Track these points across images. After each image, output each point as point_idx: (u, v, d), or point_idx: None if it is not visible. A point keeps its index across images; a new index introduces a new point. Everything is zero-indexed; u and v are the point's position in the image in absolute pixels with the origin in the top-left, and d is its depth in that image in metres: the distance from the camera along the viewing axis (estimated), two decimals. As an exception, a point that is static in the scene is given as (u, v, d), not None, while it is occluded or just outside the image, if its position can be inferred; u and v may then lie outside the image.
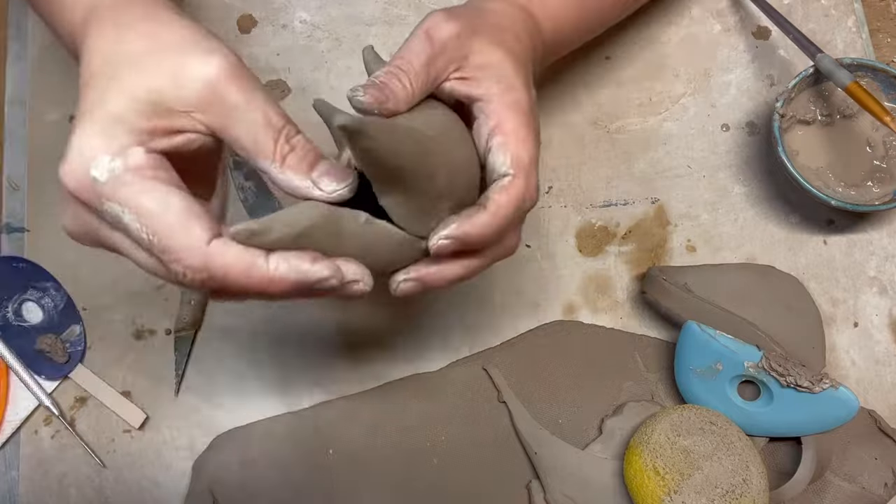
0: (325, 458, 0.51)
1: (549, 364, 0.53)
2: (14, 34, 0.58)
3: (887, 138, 0.53)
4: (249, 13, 0.58)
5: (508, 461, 0.51)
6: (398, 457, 0.51)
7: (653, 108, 0.58)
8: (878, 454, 0.51)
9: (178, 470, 0.52)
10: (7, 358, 0.52)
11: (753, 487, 0.45)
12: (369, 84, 0.34)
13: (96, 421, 0.52)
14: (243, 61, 0.35)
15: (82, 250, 0.54)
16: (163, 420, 0.52)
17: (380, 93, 0.34)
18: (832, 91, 0.53)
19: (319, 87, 0.57)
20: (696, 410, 0.48)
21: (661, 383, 0.53)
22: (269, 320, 0.54)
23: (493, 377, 0.53)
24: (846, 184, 0.53)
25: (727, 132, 0.58)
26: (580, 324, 0.54)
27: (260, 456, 0.51)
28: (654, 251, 0.56)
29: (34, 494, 0.51)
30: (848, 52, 0.59)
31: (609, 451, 0.51)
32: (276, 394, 0.53)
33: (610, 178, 0.57)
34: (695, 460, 0.46)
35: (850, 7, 0.59)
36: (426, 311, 0.54)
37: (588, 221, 0.56)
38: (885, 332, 0.55)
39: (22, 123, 0.56)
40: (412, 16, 0.58)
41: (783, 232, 0.56)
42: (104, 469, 0.52)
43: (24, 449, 0.52)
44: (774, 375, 0.47)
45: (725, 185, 0.57)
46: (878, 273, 0.56)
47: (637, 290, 0.55)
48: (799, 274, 0.55)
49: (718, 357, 0.48)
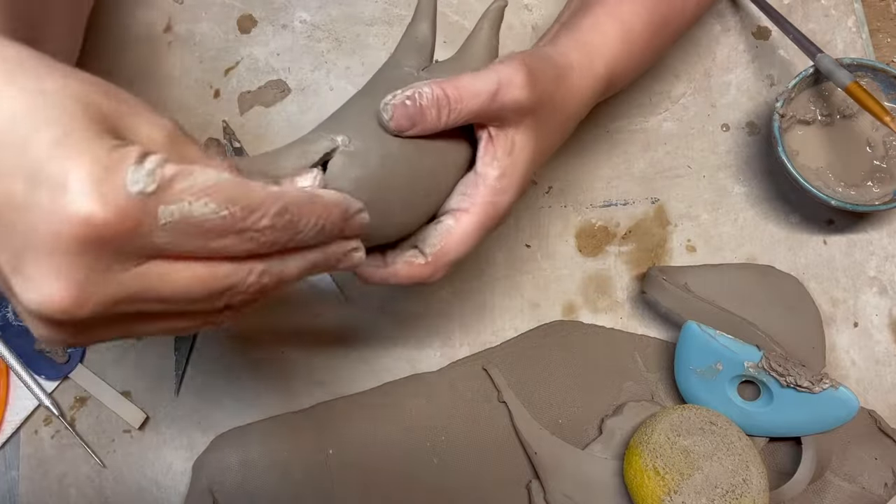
0: (325, 458, 0.51)
1: (549, 364, 0.53)
2: (14, 34, 0.58)
3: (887, 138, 0.53)
4: (249, 13, 0.58)
5: (508, 461, 0.51)
6: (398, 457, 0.51)
7: (653, 108, 0.58)
8: (878, 454, 0.51)
9: (178, 470, 0.52)
10: (7, 358, 0.52)
11: (753, 487, 0.45)
12: (404, 106, 0.34)
13: (96, 421, 0.52)
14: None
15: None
16: (163, 420, 0.52)
17: (409, 122, 0.35)
18: (832, 91, 0.53)
19: (319, 87, 0.57)
20: (696, 410, 0.48)
21: (661, 383, 0.53)
22: (269, 320, 0.54)
23: (493, 377, 0.53)
24: (846, 184, 0.53)
25: (727, 132, 0.58)
26: (580, 324, 0.54)
27: (260, 456, 0.51)
28: (654, 251, 0.56)
29: (34, 494, 0.51)
30: (848, 52, 0.59)
31: (609, 451, 0.51)
32: (276, 394, 0.53)
33: (610, 178, 0.57)
34: (695, 460, 0.46)
35: (850, 7, 0.59)
36: (426, 312, 0.54)
37: (588, 221, 0.56)
38: (885, 332, 0.55)
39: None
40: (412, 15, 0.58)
41: (783, 232, 0.56)
42: (104, 469, 0.52)
43: (24, 449, 0.52)
44: (774, 375, 0.47)
45: (725, 185, 0.57)
46: (878, 273, 0.56)
47: (637, 290, 0.55)
48: (799, 274, 0.55)
49: (718, 357, 0.48)
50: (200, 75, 0.57)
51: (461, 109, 0.35)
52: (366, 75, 0.57)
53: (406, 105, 0.34)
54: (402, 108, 0.34)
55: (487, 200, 0.38)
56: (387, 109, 0.35)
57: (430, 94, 0.34)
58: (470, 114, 0.35)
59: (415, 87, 0.34)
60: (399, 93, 0.34)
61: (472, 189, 0.38)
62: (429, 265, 0.38)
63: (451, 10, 0.58)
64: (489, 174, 0.37)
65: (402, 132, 0.35)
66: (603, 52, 0.42)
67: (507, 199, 0.38)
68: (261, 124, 0.56)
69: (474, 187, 0.38)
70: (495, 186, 0.37)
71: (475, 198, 0.38)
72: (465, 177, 0.39)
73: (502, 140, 0.37)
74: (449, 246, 0.38)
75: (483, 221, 0.38)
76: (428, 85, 0.34)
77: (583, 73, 0.41)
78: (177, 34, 0.57)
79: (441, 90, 0.34)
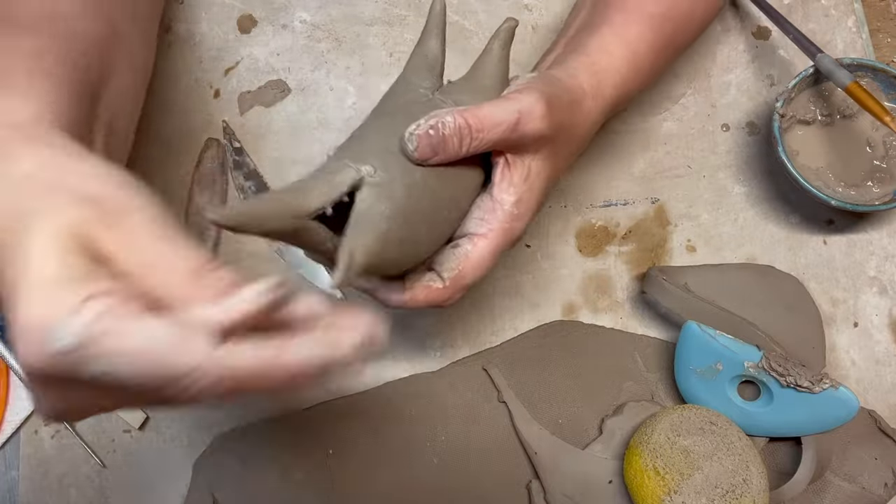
0: (325, 458, 0.51)
1: (549, 364, 0.53)
2: (14, 34, 0.58)
3: (887, 138, 0.53)
4: (249, 13, 0.58)
5: (508, 461, 0.51)
6: (398, 457, 0.51)
7: (653, 108, 0.58)
8: (878, 454, 0.51)
9: (178, 470, 0.52)
10: (7, 358, 0.52)
11: (753, 487, 0.45)
12: (427, 136, 0.35)
13: (96, 421, 0.52)
14: None
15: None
16: (163, 420, 0.52)
17: (432, 151, 0.35)
18: (832, 91, 0.53)
19: (319, 87, 0.57)
20: (696, 410, 0.48)
21: (661, 383, 0.53)
22: (269, 320, 0.54)
23: (493, 377, 0.53)
24: (846, 184, 0.53)
25: (727, 132, 0.58)
26: (580, 324, 0.54)
27: (260, 456, 0.51)
28: (654, 251, 0.56)
29: (34, 494, 0.51)
30: (848, 52, 0.59)
31: (609, 451, 0.51)
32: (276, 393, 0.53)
33: (610, 178, 0.57)
34: (695, 460, 0.46)
35: (850, 7, 0.59)
36: (426, 312, 0.54)
37: (588, 221, 0.56)
38: (885, 332, 0.55)
39: (22, 123, 0.56)
40: (412, 16, 0.58)
41: (783, 232, 0.56)
42: (104, 469, 0.52)
43: (24, 449, 0.52)
44: (774, 375, 0.47)
45: (725, 185, 0.57)
46: (878, 273, 0.56)
47: (637, 290, 0.55)
48: (799, 274, 0.55)
49: (718, 357, 0.48)
50: (200, 75, 0.57)
51: (482, 139, 0.36)
52: (366, 75, 0.57)
53: (430, 135, 0.35)
54: (426, 137, 0.35)
55: (504, 226, 0.39)
56: (411, 140, 0.35)
57: (453, 123, 0.35)
58: (490, 143, 0.36)
59: (437, 117, 0.35)
60: (423, 122, 0.35)
61: (489, 214, 0.39)
62: (446, 289, 0.39)
63: (451, 10, 0.58)
64: (506, 200, 0.38)
65: (425, 161, 0.36)
66: (611, 74, 0.42)
67: (522, 224, 0.39)
68: (261, 124, 0.56)
69: (491, 213, 0.38)
70: (512, 212, 0.38)
71: (492, 223, 0.38)
72: (481, 200, 0.39)
73: (519, 167, 0.38)
74: (466, 270, 0.38)
75: (499, 245, 0.39)
76: (451, 114, 0.35)
77: (594, 98, 0.41)
78: (177, 34, 0.57)
79: (463, 120, 0.35)
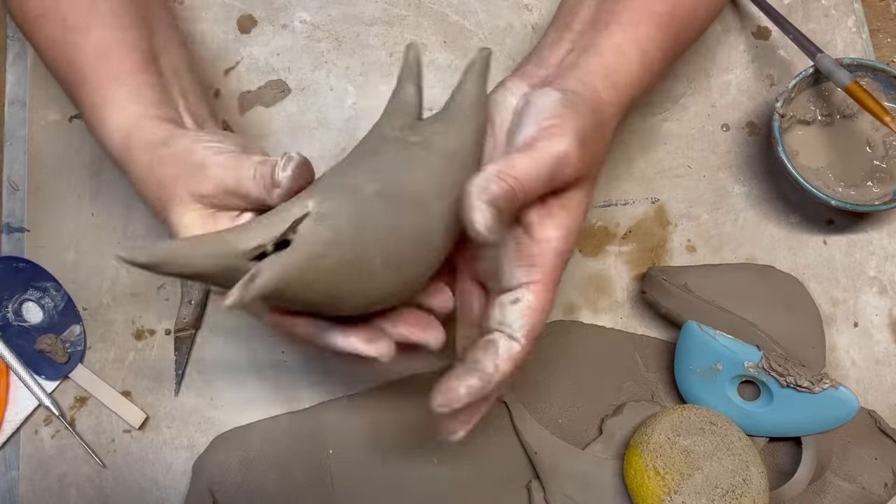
0: (325, 458, 0.51)
1: (549, 364, 0.53)
2: (14, 34, 0.58)
3: (887, 138, 0.53)
4: (249, 13, 0.58)
5: (508, 461, 0.51)
6: (398, 457, 0.51)
7: (652, 108, 0.58)
8: (878, 454, 0.51)
9: (178, 470, 0.52)
10: (7, 358, 0.52)
11: (753, 487, 0.45)
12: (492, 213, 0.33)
13: (96, 421, 0.52)
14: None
15: (82, 250, 0.54)
16: (163, 420, 0.52)
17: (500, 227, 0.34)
18: (832, 91, 0.53)
19: (319, 87, 0.57)
20: (696, 410, 0.48)
21: (661, 383, 0.53)
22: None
23: (493, 377, 0.52)
24: (846, 184, 0.53)
25: (727, 132, 0.58)
26: (580, 324, 0.54)
27: (260, 456, 0.51)
28: (654, 251, 0.56)
29: (34, 494, 0.51)
30: (848, 52, 0.59)
31: (609, 451, 0.51)
32: (275, 393, 0.53)
33: (610, 178, 0.57)
34: (695, 460, 0.46)
35: (850, 7, 0.59)
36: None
37: (588, 221, 0.56)
38: (885, 332, 0.55)
39: (22, 123, 0.56)
40: (412, 16, 0.58)
41: (783, 232, 0.56)
42: (104, 469, 0.52)
43: (24, 449, 0.52)
44: (774, 375, 0.47)
45: (725, 185, 0.57)
46: (878, 273, 0.56)
47: (637, 290, 0.55)
48: (799, 274, 0.55)
49: (718, 357, 0.48)
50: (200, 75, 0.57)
51: (525, 200, 0.35)
52: (366, 75, 0.57)
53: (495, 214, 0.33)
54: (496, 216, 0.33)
55: (556, 264, 0.38)
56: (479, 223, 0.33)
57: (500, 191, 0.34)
58: (532, 199, 0.36)
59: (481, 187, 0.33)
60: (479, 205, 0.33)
61: (538, 259, 0.37)
62: (524, 347, 0.37)
63: (451, 10, 0.59)
64: (552, 237, 0.37)
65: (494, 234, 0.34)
66: (626, 79, 0.41)
67: (569, 256, 0.38)
68: (261, 124, 0.56)
69: (540, 256, 0.37)
70: (560, 248, 0.38)
71: (544, 266, 0.37)
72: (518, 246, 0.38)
73: (558, 204, 0.38)
74: (536, 321, 0.38)
75: (555, 283, 0.38)
76: (495, 182, 0.34)
77: (612, 104, 0.41)
78: (177, 34, 0.57)
79: (504, 184, 0.34)
